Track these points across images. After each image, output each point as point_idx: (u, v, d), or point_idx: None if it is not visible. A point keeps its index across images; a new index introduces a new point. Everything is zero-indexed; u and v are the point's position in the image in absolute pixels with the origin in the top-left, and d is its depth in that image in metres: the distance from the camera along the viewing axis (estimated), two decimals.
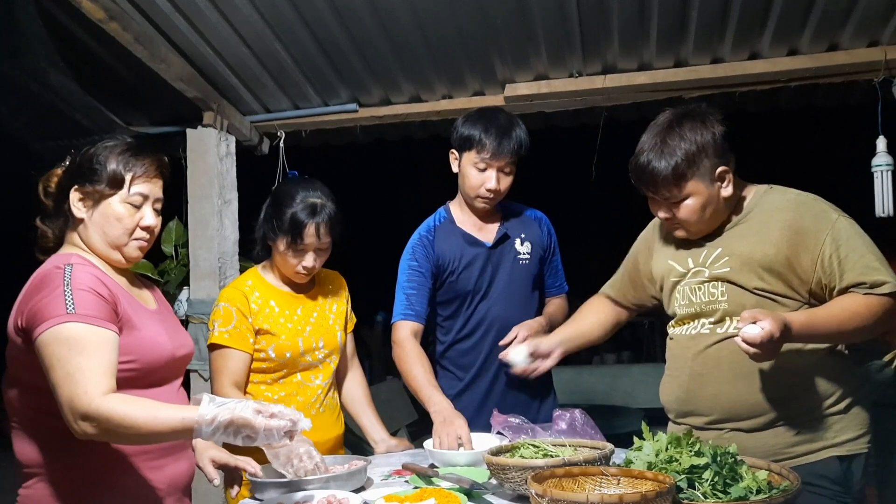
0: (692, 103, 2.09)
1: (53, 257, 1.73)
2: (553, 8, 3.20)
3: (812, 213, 1.95)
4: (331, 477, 1.84)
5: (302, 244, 2.25)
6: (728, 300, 1.98)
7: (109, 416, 1.50)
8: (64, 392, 1.52)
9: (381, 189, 8.25)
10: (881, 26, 3.25)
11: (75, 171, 1.77)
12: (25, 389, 1.68)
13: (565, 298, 2.73)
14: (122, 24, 3.11)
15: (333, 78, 3.80)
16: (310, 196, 2.27)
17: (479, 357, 2.54)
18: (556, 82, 3.75)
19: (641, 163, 1.97)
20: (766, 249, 1.94)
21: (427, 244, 2.56)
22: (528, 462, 1.68)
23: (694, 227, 2.02)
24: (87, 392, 1.51)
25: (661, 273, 2.16)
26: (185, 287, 4.04)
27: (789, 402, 1.92)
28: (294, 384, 2.35)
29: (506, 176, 2.48)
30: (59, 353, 1.54)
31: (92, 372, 1.53)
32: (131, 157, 1.77)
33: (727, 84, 3.63)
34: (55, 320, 1.56)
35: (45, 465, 1.68)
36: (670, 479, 1.45)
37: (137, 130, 4.14)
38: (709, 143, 1.94)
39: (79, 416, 1.50)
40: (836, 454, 1.91)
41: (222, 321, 2.30)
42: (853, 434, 1.94)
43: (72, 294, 1.59)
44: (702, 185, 1.95)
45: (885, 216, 3.37)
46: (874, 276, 1.87)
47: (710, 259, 2.02)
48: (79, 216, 1.76)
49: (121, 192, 1.75)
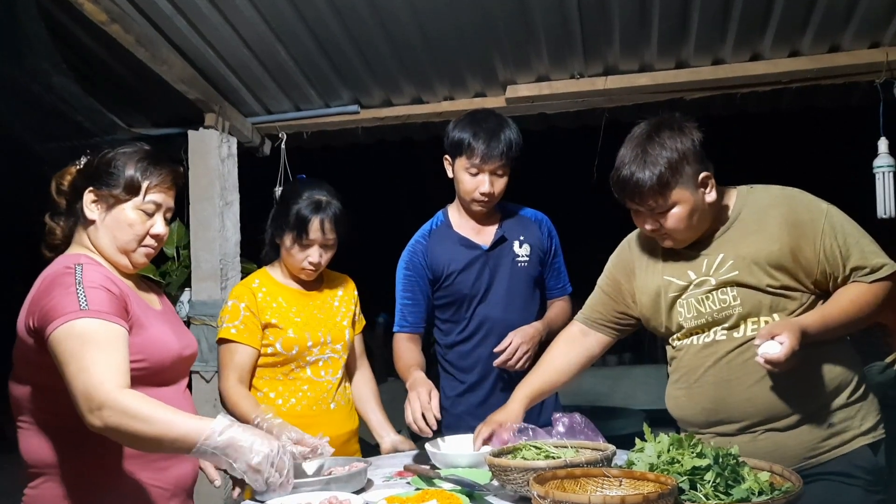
0: (693, 105, 2.10)
1: (62, 257, 1.74)
2: (554, 9, 3.20)
3: (804, 205, 1.97)
4: (331, 479, 1.84)
5: (307, 239, 2.32)
6: (742, 303, 1.95)
7: (125, 408, 1.51)
8: (79, 384, 1.53)
9: (383, 190, 8.24)
10: (883, 27, 3.25)
11: (92, 173, 1.78)
12: (36, 389, 1.69)
13: (568, 300, 2.71)
14: (124, 26, 3.12)
15: (334, 79, 3.80)
16: (315, 194, 2.36)
17: (480, 359, 2.54)
18: (557, 83, 3.76)
19: (624, 175, 1.94)
20: (770, 247, 1.94)
21: (420, 250, 2.58)
22: (530, 463, 1.68)
23: (681, 235, 1.99)
24: (103, 382, 1.52)
25: (653, 290, 2.10)
26: (186, 288, 4.04)
27: (817, 395, 1.92)
28: (303, 380, 2.39)
29: (499, 178, 2.48)
30: (73, 347, 1.55)
31: (107, 365, 1.55)
32: (149, 165, 1.79)
33: (728, 85, 3.63)
34: (68, 316, 1.57)
35: (53, 465, 1.68)
36: (672, 480, 1.45)
37: (139, 132, 4.14)
38: (689, 149, 1.93)
39: (95, 405, 1.51)
40: (865, 443, 1.92)
41: (230, 317, 2.36)
42: (874, 420, 1.96)
43: (84, 291, 1.61)
44: (687, 192, 1.93)
45: (886, 217, 3.37)
46: (874, 259, 1.90)
47: (714, 266, 2.00)
48: (91, 217, 1.77)
49: (135, 199, 1.78)
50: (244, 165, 4.18)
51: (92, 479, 1.68)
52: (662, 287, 2.07)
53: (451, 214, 2.64)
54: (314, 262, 2.36)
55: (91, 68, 3.62)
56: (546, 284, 2.69)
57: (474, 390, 2.56)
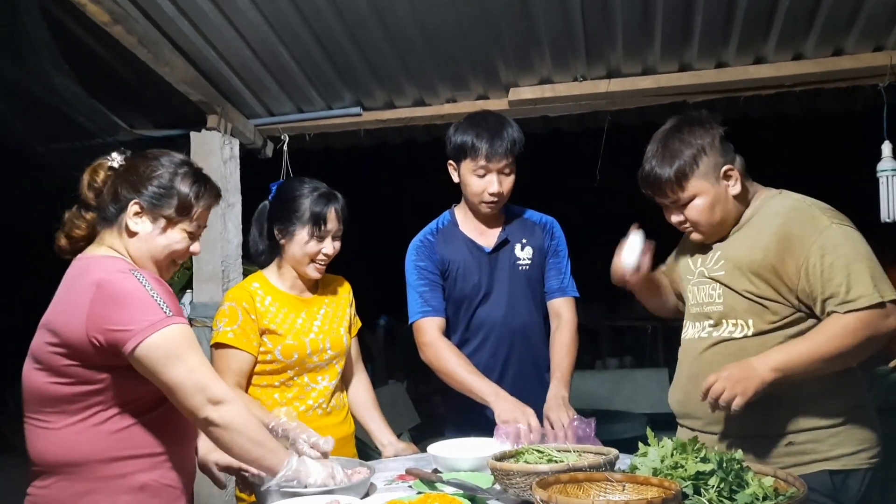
0: (696, 108, 2.14)
1: (106, 261, 1.71)
2: (557, 12, 3.19)
3: (801, 220, 1.94)
4: (335, 486, 1.83)
5: (324, 230, 2.34)
6: (723, 303, 2.03)
7: (242, 413, 1.66)
8: (191, 383, 1.61)
9: (385, 192, 8.24)
10: (886, 31, 3.24)
11: (136, 183, 1.75)
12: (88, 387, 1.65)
13: (571, 303, 2.61)
14: (127, 28, 3.12)
15: (337, 81, 3.80)
16: (318, 187, 2.38)
17: (482, 361, 2.52)
18: (560, 86, 3.75)
19: (646, 171, 2.05)
20: (754, 255, 1.97)
21: (430, 245, 2.56)
22: (532, 467, 1.66)
23: (705, 227, 2.06)
24: (218, 381, 1.65)
25: (680, 273, 2.25)
26: (188, 290, 4.04)
27: (780, 413, 1.93)
28: (300, 386, 2.35)
29: (506, 177, 2.46)
30: (175, 351, 1.62)
31: (209, 366, 1.67)
32: (201, 187, 1.81)
33: (731, 89, 3.63)
34: (159, 324, 1.61)
35: (70, 464, 1.67)
36: (676, 485, 1.44)
37: (141, 133, 4.14)
38: (708, 143, 2.00)
39: (215, 400, 1.62)
40: (828, 468, 1.90)
41: (228, 320, 2.30)
42: (850, 449, 1.92)
43: (160, 298, 1.64)
44: (706, 183, 2.00)
45: (890, 221, 3.36)
46: (855, 288, 1.83)
47: (711, 261, 2.09)
48: (135, 230, 1.75)
49: (185, 222, 1.79)
50: (246, 167, 4.18)
51: (106, 480, 1.67)
52: (683, 271, 2.22)
53: (457, 215, 2.63)
54: (329, 253, 2.36)
55: (93, 69, 3.61)
56: (546, 286, 2.62)
57: None
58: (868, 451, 1.94)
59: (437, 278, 2.53)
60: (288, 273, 2.41)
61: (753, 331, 1.97)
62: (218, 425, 1.63)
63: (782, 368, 1.84)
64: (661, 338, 8.49)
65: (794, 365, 1.85)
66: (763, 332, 1.96)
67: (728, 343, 2.00)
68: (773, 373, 1.84)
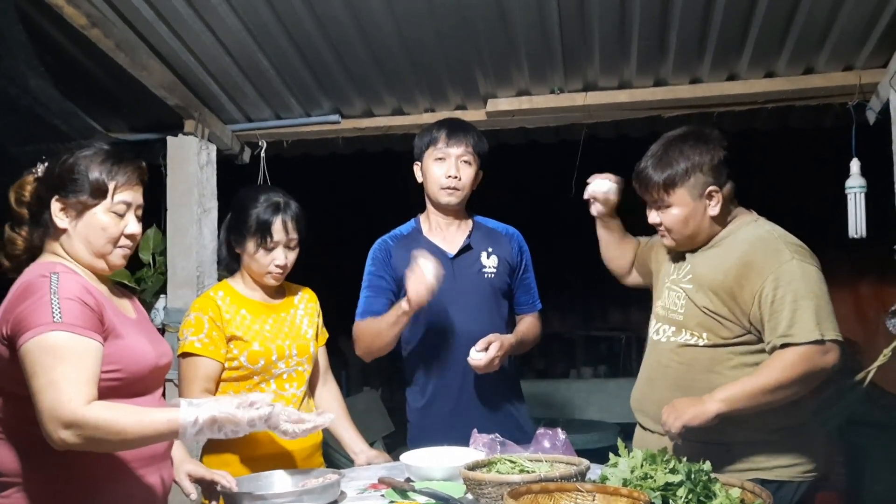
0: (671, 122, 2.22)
1: (37, 266, 1.71)
2: (535, 25, 3.23)
3: (765, 251, 2.05)
4: (304, 491, 1.83)
5: (271, 241, 2.30)
6: (685, 313, 2.14)
7: (96, 422, 1.50)
8: (46, 400, 1.51)
9: (362, 200, 8.24)
10: (856, 51, 3.31)
11: (55, 181, 1.74)
12: (9, 398, 1.66)
13: (538, 317, 2.72)
14: (104, 31, 3.10)
15: (315, 88, 3.80)
16: (272, 196, 2.35)
17: (443, 366, 2.53)
18: (537, 98, 3.78)
19: (641, 168, 2.18)
20: (717, 275, 2.09)
21: (385, 250, 2.61)
22: (504, 477, 1.68)
23: (677, 236, 2.17)
24: (70, 400, 1.50)
25: (657, 267, 2.35)
26: (162, 295, 4.00)
27: (720, 426, 1.99)
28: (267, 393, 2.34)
29: (466, 166, 2.54)
30: (43, 361, 1.53)
31: (76, 381, 1.53)
32: (113, 165, 1.76)
33: (705, 104, 3.68)
34: (41, 328, 1.55)
35: (24, 475, 1.64)
36: (645, 495, 1.46)
37: (117, 137, 4.11)
38: (704, 162, 2.09)
39: (61, 424, 1.49)
40: (762, 477, 1.97)
41: (194, 329, 2.30)
42: (786, 462, 2.03)
43: (59, 302, 1.58)
44: (689, 197, 2.10)
45: (857, 237, 3.42)
46: (798, 323, 1.94)
47: (683, 272, 2.20)
48: (61, 226, 1.74)
49: (104, 202, 1.75)
50: (223, 173, 4.15)
51: (64, 491, 1.65)
52: (659, 266, 2.33)
53: (422, 222, 2.67)
54: (281, 265, 2.34)
55: (70, 72, 3.58)
56: (516, 300, 2.69)
57: (439, 399, 2.55)
58: (803, 465, 2.04)
59: (383, 283, 2.57)
60: (251, 281, 2.42)
61: (707, 342, 2.10)
62: (80, 443, 1.51)
63: (727, 399, 1.96)
64: (635, 347, 8.55)
65: (738, 397, 1.97)
66: (716, 344, 2.09)
67: (684, 349, 2.13)
68: (719, 403, 1.95)
